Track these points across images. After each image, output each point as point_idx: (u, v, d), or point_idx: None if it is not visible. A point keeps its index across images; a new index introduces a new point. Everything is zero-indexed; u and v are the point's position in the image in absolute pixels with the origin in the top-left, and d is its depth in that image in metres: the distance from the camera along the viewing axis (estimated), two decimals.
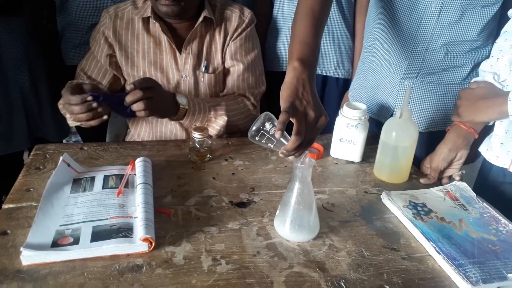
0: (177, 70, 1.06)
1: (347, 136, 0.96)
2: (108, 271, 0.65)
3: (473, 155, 0.94)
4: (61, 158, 0.85)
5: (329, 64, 1.39)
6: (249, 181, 0.89)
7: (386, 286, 0.65)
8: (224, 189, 0.86)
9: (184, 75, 1.07)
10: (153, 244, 0.68)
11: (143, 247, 0.68)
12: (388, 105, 1.12)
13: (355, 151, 0.97)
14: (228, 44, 1.08)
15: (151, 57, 1.05)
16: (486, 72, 0.93)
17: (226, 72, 1.11)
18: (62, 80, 0.96)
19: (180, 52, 1.05)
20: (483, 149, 0.95)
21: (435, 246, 0.72)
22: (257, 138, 0.69)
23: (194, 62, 1.06)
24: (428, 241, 0.73)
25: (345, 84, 1.42)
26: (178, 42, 1.05)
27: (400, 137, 0.90)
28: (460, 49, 1.01)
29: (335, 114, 0.98)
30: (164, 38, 1.04)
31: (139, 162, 0.88)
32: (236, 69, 1.09)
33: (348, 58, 1.41)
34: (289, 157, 0.69)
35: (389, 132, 0.90)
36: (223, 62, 1.09)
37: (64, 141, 1.39)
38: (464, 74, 1.05)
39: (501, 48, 0.91)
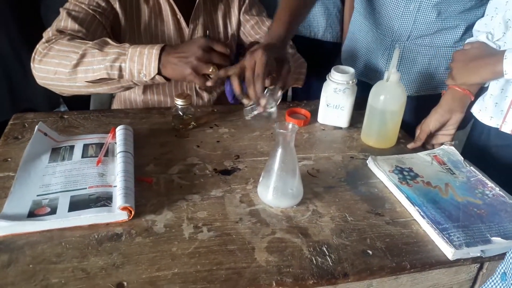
0: (182, 42, 1.01)
1: (334, 101, 0.95)
2: (86, 240, 0.64)
3: (465, 119, 0.92)
4: (36, 127, 0.83)
5: (317, 27, 1.36)
6: (234, 149, 0.89)
7: (368, 251, 0.65)
8: (208, 157, 0.85)
9: None
10: (133, 213, 0.67)
11: (122, 216, 0.67)
12: (380, 69, 1.10)
13: (342, 116, 0.96)
14: (243, 8, 1.07)
15: (152, 30, 0.97)
16: (480, 32, 0.90)
17: (249, 33, 1.08)
18: None
19: (187, 23, 1.00)
20: (475, 109, 0.93)
21: (419, 210, 0.71)
22: (253, 114, 0.83)
23: (202, 32, 1.02)
24: (413, 206, 0.73)
25: (334, 47, 1.39)
26: (183, 10, 0.99)
27: (387, 101, 0.88)
28: (453, 9, 0.98)
29: (324, 79, 0.96)
30: (165, 6, 0.97)
31: (119, 130, 0.86)
32: (260, 22, 1.07)
33: (337, 20, 1.37)
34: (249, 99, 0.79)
35: (377, 96, 0.89)
36: (232, 29, 1.07)
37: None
38: (456, 37, 1.03)
39: (496, 5, 0.88)
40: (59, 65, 0.80)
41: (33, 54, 0.84)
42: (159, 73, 0.78)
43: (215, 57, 0.76)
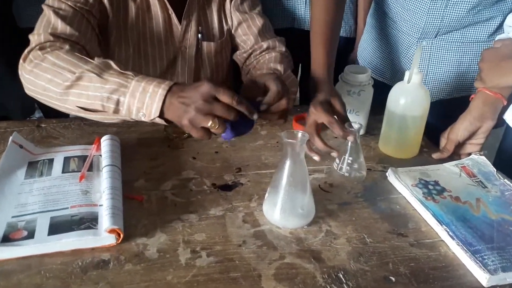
0: (173, 40, 1.02)
1: (348, 105, 0.96)
2: (69, 268, 0.63)
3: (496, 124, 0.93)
4: (10, 138, 0.83)
5: None
6: (235, 161, 0.89)
7: (391, 277, 0.65)
8: (205, 170, 0.86)
9: (184, 47, 1.04)
10: (122, 236, 0.67)
11: (110, 240, 0.67)
12: (401, 68, 1.12)
13: (357, 122, 0.94)
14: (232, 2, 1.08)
15: (139, 28, 0.98)
16: None
17: (236, 32, 1.10)
18: (17, 45, 0.92)
19: (179, 20, 1.00)
20: (508, 116, 0.93)
21: (448, 230, 0.71)
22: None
23: (196, 29, 1.03)
24: (440, 225, 0.73)
25: (347, 43, 1.40)
26: (174, 6, 1.00)
27: (408, 105, 0.89)
28: (488, 1, 0.98)
29: (335, 80, 0.97)
30: (154, 1, 0.98)
31: (105, 141, 0.86)
32: (250, 19, 1.08)
33: (350, 12, 1.37)
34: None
35: (396, 100, 0.90)
36: (227, 23, 1.08)
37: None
38: (491, 30, 1.02)
39: None
40: (50, 82, 0.78)
41: (21, 59, 0.82)
42: (160, 115, 0.76)
43: (218, 109, 0.72)
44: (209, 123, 0.72)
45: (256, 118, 0.76)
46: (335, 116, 0.86)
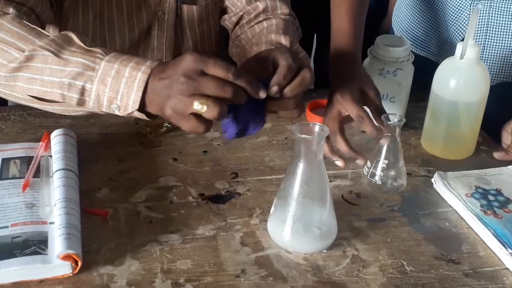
0: (147, 4, 1.02)
1: (380, 89, 0.95)
2: None
3: None
4: None
5: None
6: (229, 163, 0.90)
7: None
8: (191, 175, 0.86)
9: (161, 12, 1.04)
10: (79, 263, 0.67)
11: (64, 269, 0.66)
12: (451, 40, 1.13)
13: (392, 112, 0.93)
14: None
15: None
16: None
17: None
18: None
19: None
20: None
21: None
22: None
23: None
24: (504, 248, 0.73)
25: (377, 7, 1.41)
26: None
27: (461, 89, 0.89)
28: None
29: (363, 54, 0.97)
30: None
31: (56, 137, 0.86)
32: None
33: None
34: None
35: (445, 81, 0.90)
36: None
37: None
38: None
39: None
40: None
41: None
42: (140, 107, 0.74)
43: (206, 85, 0.69)
44: (196, 105, 0.69)
45: (263, 97, 0.72)
46: (367, 108, 0.85)
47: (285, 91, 0.74)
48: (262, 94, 0.71)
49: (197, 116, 0.69)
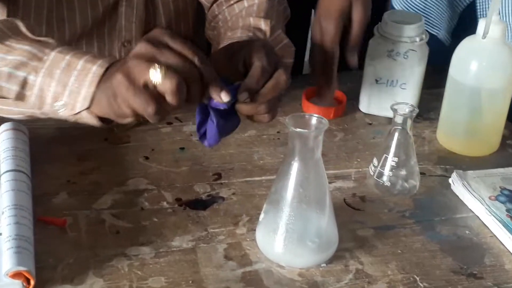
0: None
1: (389, 73, 0.97)
2: None
3: None
4: None
5: None
6: (211, 162, 0.90)
7: None
8: (165, 177, 0.87)
9: None
10: (32, 282, 0.66)
11: None
12: (474, 16, 1.14)
13: (403, 100, 0.94)
14: None
15: None
16: None
17: None
18: None
19: None
20: None
21: None
22: None
23: None
24: None
25: None
26: None
27: (484, 73, 0.90)
28: None
29: (369, 33, 0.99)
30: None
31: (4, 132, 0.86)
32: None
33: None
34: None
35: (465, 64, 0.90)
36: None
37: None
38: None
39: None
40: None
41: None
42: (89, 107, 0.75)
43: (167, 57, 0.70)
44: (151, 72, 0.69)
45: (228, 102, 0.73)
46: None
47: (256, 96, 0.75)
48: (225, 97, 0.72)
49: (151, 91, 0.69)
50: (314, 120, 0.71)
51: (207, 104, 0.74)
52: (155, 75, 0.68)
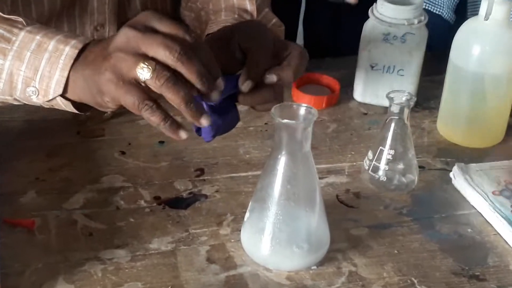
0: None
1: (385, 58, 0.97)
2: None
3: None
4: None
5: None
6: (193, 156, 0.90)
7: None
8: (143, 173, 0.86)
9: None
10: None
11: None
12: None
13: (401, 88, 0.93)
14: None
15: None
16: None
17: None
18: None
19: None
20: None
21: None
22: None
23: None
24: None
25: None
26: None
27: (487, 58, 0.89)
28: None
29: (363, 15, 0.98)
30: None
31: None
32: None
33: None
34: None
35: (466, 49, 0.90)
36: None
37: None
38: None
39: None
40: None
41: None
42: (64, 93, 0.73)
43: (152, 41, 0.66)
44: (140, 66, 0.65)
45: (218, 95, 0.69)
46: None
47: (262, 85, 0.74)
48: (215, 95, 0.68)
49: (143, 87, 0.66)
50: (302, 110, 0.70)
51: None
52: (143, 74, 0.65)
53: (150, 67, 0.65)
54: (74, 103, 0.74)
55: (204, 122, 0.68)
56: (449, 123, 0.95)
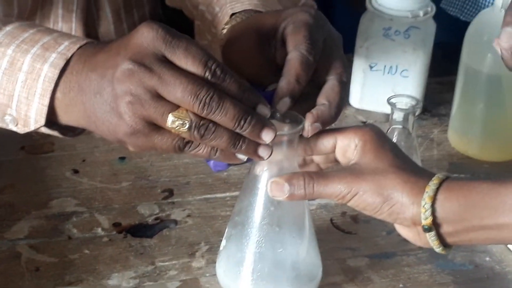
0: None
1: (386, 59, 0.98)
2: None
3: None
4: None
5: None
6: (160, 175, 0.90)
7: None
8: (100, 195, 0.86)
9: None
10: None
11: None
12: None
13: (404, 92, 0.93)
14: None
15: None
16: None
17: None
18: None
19: None
20: None
21: None
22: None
23: None
24: None
25: None
26: None
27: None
28: None
29: (359, 8, 1.00)
30: None
31: None
32: None
33: None
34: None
35: (481, 46, 0.90)
36: None
37: None
38: None
39: None
40: None
41: None
42: (52, 119, 0.68)
43: (171, 86, 0.60)
44: (170, 121, 0.60)
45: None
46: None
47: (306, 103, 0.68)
48: (265, 110, 0.63)
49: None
50: (287, 119, 0.67)
51: None
52: (175, 127, 0.60)
53: (181, 118, 0.59)
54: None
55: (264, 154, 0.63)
56: (462, 133, 0.95)
